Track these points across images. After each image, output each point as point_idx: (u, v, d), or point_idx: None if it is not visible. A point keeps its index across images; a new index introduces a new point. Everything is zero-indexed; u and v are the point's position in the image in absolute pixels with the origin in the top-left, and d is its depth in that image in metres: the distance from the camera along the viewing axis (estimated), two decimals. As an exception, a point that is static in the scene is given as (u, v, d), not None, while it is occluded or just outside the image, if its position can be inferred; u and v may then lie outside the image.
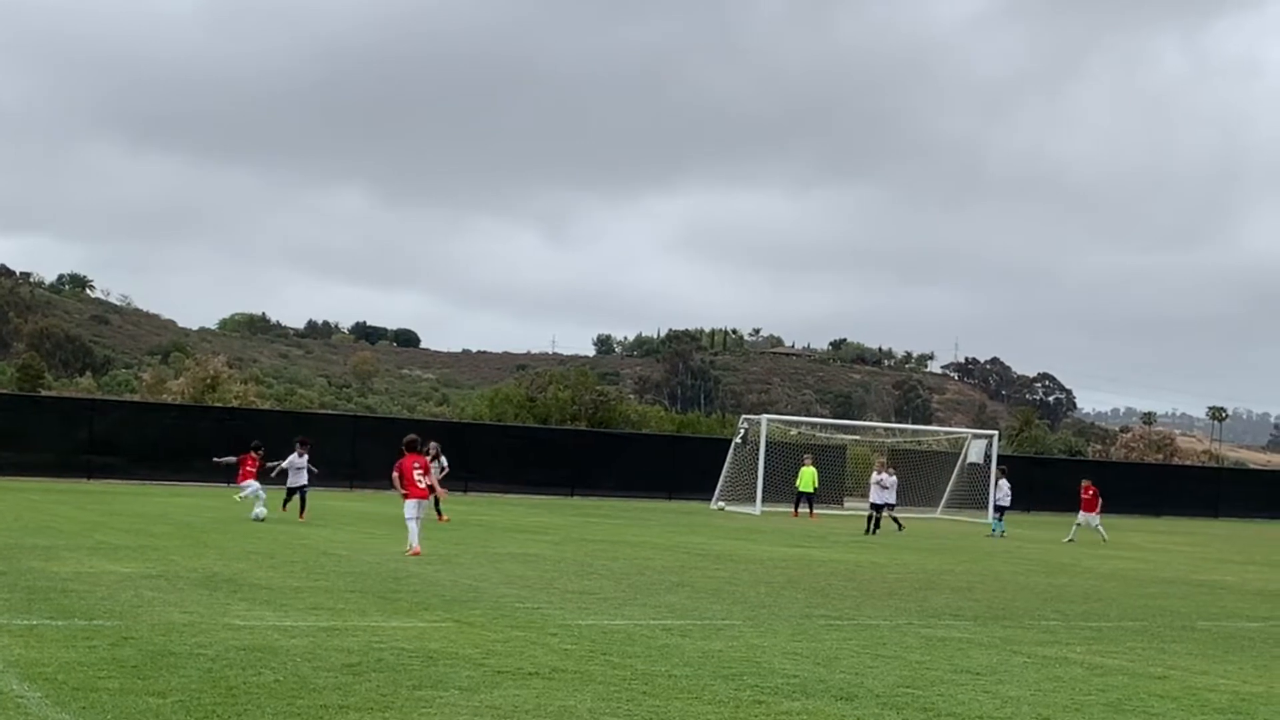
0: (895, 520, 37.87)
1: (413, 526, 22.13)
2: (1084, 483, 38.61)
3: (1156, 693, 12.01)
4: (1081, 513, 37.87)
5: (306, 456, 31.18)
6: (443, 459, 31.33)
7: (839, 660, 12.82)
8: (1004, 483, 42.22)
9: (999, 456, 50.18)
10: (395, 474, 22.45)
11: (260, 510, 28.76)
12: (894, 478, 37.73)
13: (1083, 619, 17.82)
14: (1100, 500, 38.11)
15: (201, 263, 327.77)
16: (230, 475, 44.71)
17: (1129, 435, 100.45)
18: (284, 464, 30.95)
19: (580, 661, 11.93)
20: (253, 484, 29.89)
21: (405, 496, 22.27)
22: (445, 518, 30.80)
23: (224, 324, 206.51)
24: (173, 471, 44.99)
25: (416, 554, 21.50)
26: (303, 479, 31.07)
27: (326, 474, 46.11)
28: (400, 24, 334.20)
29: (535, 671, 11.26)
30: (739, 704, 10.37)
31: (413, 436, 23.12)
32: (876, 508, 36.68)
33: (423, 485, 22.40)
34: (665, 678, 11.32)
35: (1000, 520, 40.87)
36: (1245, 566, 30.73)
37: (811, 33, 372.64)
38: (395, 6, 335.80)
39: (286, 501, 30.88)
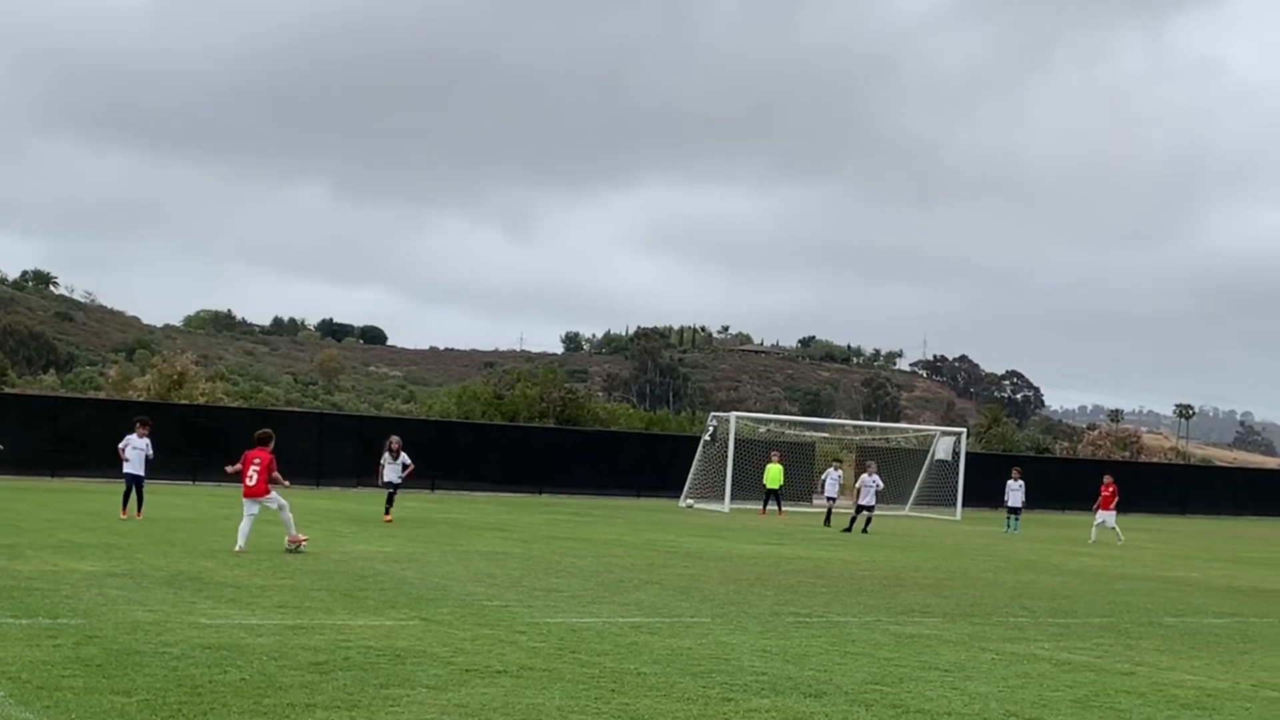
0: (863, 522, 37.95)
1: (243, 525, 21.22)
2: (1106, 479, 37.75)
3: (1123, 688, 12.05)
4: (1100, 511, 37.21)
5: (147, 439, 27.65)
6: (404, 455, 30.85)
7: (808, 657, 12.82)
8: (1018, 483, 41.97)
9: (1013, 458, 50.15)
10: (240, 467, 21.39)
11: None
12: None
13: (1050, 615, 17.88)
14: (1118, 498, 37.32)
15: (163, 259, 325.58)
16: (196, 474, 44.71)
17: (1096, 433, 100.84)
18: (120, 445, 27.46)
19: (548, 659, 11.89)
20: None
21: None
22: (388, 517, 30.27)
23: (189, 321, 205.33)
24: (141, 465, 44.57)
25: (241, 550, 20.68)
26: (139, 468, 27.29)
27: (293, 472, 46.12)
28: (361, 18, 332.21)
29: (503, 669, 11.22)
30: (708, 701, 10.35)
31: (263, 431, 22.00)
32: (866, 509, 36.74)
33: (253, 483, 21.29)
34: (634, 675, 11.30)
35: (1016, 520, 40.88)
36: (1211, 563, 30.91)
37: (773, 29, 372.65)
38: (356, 1, 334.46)
39: (126, 501, 27.24)
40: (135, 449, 27.53)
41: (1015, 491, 41.82)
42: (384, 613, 14.55)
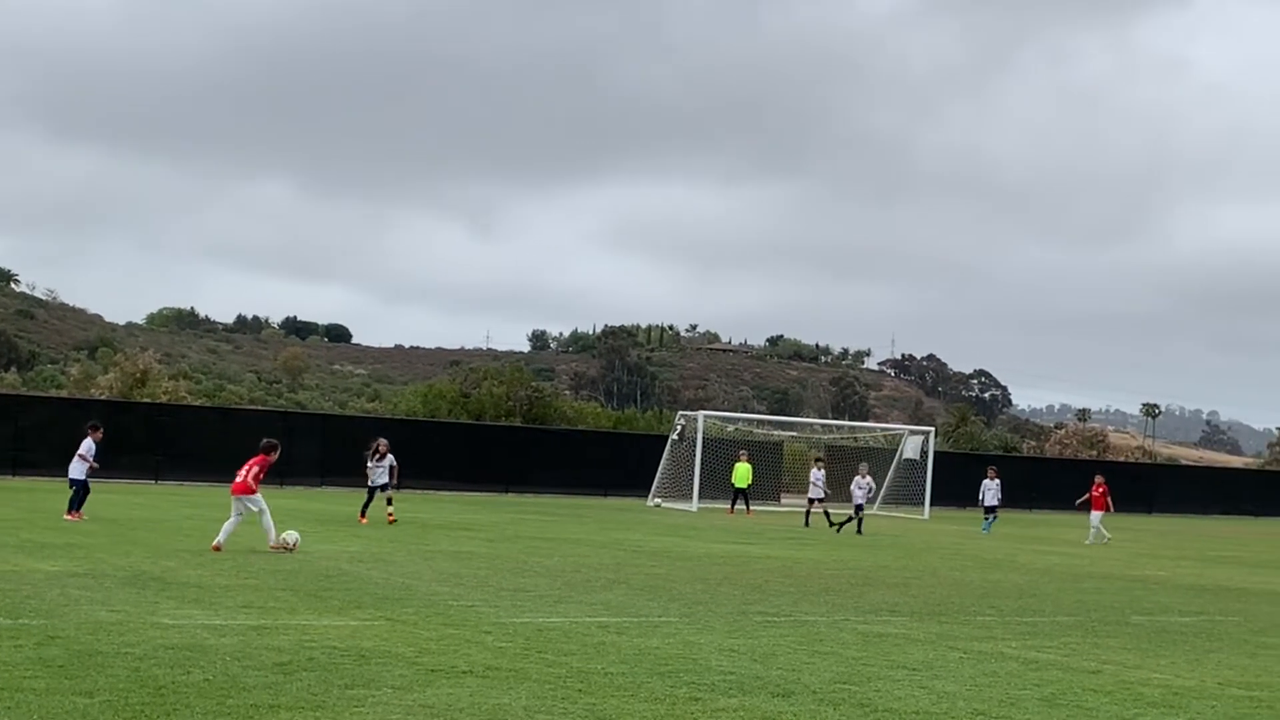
0: (829, 518, 37.98)
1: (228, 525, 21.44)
2: (1096, 478, 37.86)
3: (1090, 687, 12.06)
4: (1093, 511, 37.25)
5: (95, 447, 27.37)
6: (390, 457, 30.41)
7: (776, 657, 12.79)
8: (994, 483, 41.90)
9: (982, 456, 50.06)
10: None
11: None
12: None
13: (1018, 614, 17.91)
14: (1109, 500, 37.41)
15: (125, 256, 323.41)
16: (158, 473, 44.46)
17: (1063, 432, 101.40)
18: (81, 451, 27.09)
19: (515, 659, 11.82)
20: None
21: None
22: (373, 518, 30.05)
23: (152, 319, 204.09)
24: (100, 468, 44.25)
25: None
26: (80, 471, 27.06)
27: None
28: (324, 15, 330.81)
29: (469, 670, 11.15)
30: (675, 701, 10.30)
31: (268, 440, 22.48)
32: (859, 509, 36.90)
33: (239, 479, 21.75)
34: (601, 675, 11.24)
35: (991, 519, 40.84)
36: (1178, 561, 31.06)
37: (741, 27, 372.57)
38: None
39: (73, 504, 26.75)
40: (91, 454, 27.39)
41: (991, 490, 41.73)
42: (349, 613, 14.45)
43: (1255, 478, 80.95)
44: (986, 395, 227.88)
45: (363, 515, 30.00)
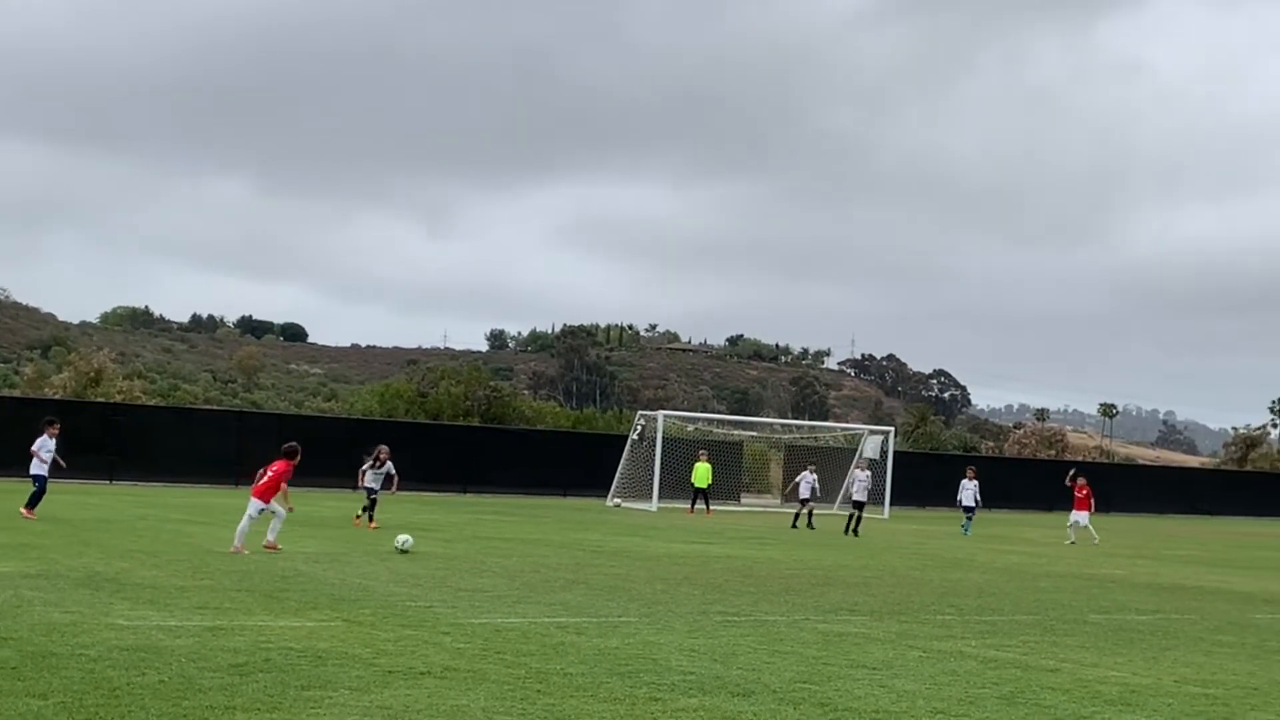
0: (807, 520, 38.07)
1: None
2: (1079, 480, 38.01)
3: (1049, 685, 12.10)
4: (1074, 511, 37.39)
5: (54, 442, 26.68)
6: (390, 465, 29.90)
7: (736, 656, 12.76)
8: (972, 483, 41.58)
9: (968, 458, 49.94)
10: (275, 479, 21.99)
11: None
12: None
13: (977, 613, 17.96)
14: (1092, 500, 37.68)
15: (78, 255, 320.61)
16: (113, 473, 44.02)
17: (1021, 432, 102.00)
18: (34, 448, 26.50)
19: (473, 660, 11.75)
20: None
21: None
22: (364, 521, 29.58)
23: (106, 318, 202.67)
24: (52, 468, 43.83)
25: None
26: (43, 468, 26.43)
27: (210, 471, 45.57)
28: (278, 11, 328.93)
29: (427, 671, 11.07)
30: (635, 701, 10.26)
31: (290, 445, 22.84)
32: (859, 505, 36.97)
33: (261, 482, 22.30)
34: (560, 676, 11.18)
35: (969, 520, 40.73)
36: (1135, 560, 31.25)
37: (697, 25, 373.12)
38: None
39: (31, 500, 26.28)
40: (47, 453, 26.84)
41: (969, 491, 41.24)
42: (305, 614, 14.33)
43: (1211, 477, 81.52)
44: (946, 395, 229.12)
45: (370, 521, 29.11)
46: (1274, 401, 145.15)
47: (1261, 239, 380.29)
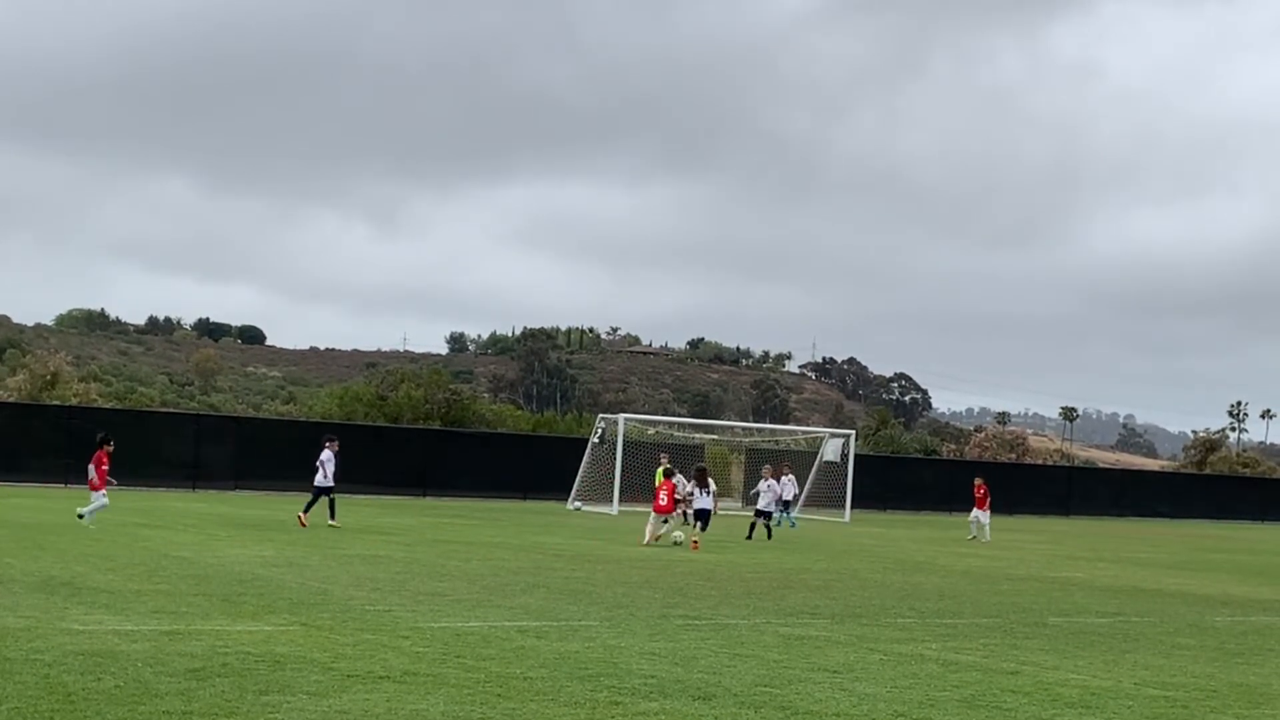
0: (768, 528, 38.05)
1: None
2: (976, 480, 38.91)
3: (1009, 688, 12.11)
4: (975, 510, 38.18)
5: None
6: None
7: (697, 660, 12.73)
8: (774, 482, 40.55)
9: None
10: None
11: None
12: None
13: (937, 616, 17.99)
14: (990, 499, 38.61)
15: (28, 255, 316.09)
16: (68, 476, 43.56)
17: (982, 435, 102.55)
18: None
19: (433, 664, 11.67)
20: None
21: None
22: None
23: (61, 320, 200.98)
24: (7, 471, 43.52)
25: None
26: None
27: (167, 474, 45.25)
28: (225, 8, 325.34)
29: (386, 675, 10.99)
30: (596, 705, 10.21)
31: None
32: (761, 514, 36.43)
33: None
34: (520, 680, 11.12)
35: (785, 514, 40.70)
36: (1095, 563, 31.40)
37: (649, 24, 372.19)
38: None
39: None
40: None
41: (774, 490, 39.81)
42: (263, 618, 14.21)
43: (1171, 480, 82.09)
44: (906, 399, 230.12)
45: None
46: (1233, 405, 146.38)
47: (1220, 241, 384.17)
